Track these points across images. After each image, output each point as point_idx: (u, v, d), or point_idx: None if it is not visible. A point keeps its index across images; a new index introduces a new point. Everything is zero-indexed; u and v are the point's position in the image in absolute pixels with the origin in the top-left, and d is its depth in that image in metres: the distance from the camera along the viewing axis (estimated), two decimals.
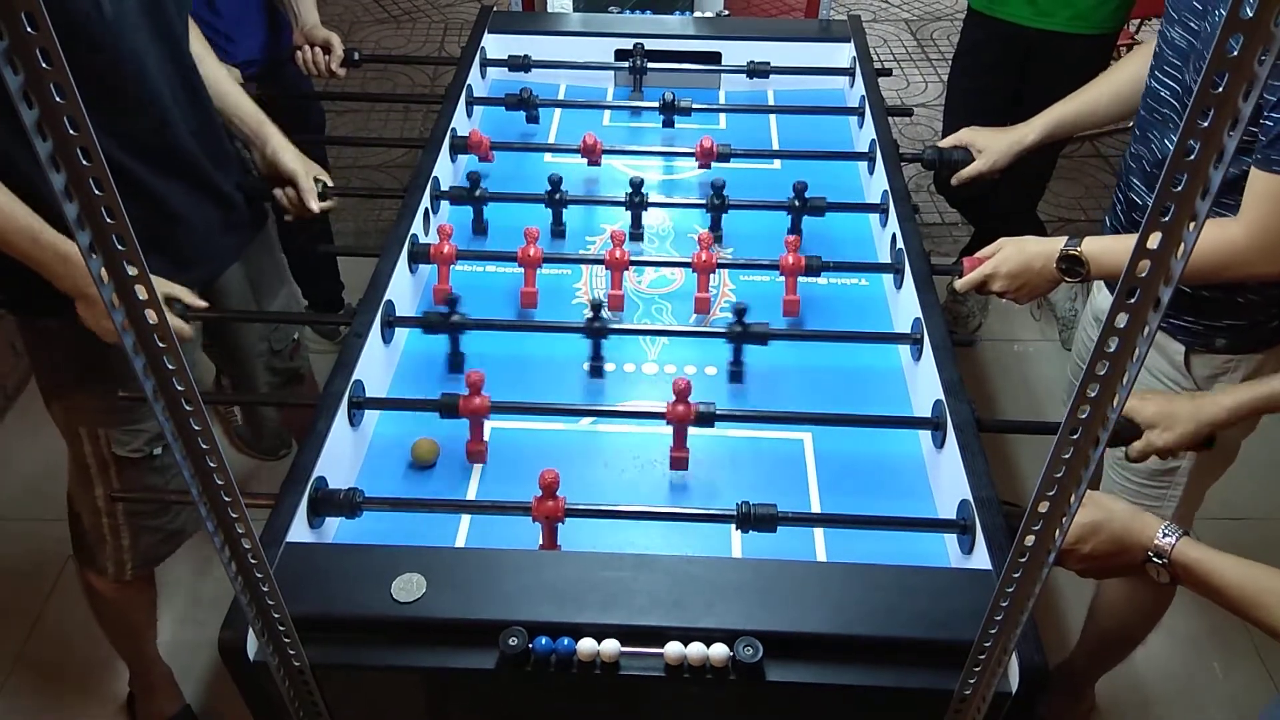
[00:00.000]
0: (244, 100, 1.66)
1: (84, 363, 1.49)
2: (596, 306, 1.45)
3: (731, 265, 1.64)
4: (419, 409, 1.38)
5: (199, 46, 1.60)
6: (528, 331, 1.54)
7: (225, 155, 1.59)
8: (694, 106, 1.98)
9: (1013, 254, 1.46)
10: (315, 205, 1.66)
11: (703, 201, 1.74)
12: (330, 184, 1.70)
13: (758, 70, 2.12)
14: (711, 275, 1.57)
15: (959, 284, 1.52)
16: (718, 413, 1.30)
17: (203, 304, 1.50)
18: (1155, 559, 1.07)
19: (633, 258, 1.56)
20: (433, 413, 1.36)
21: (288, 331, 1.86)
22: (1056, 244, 1.41)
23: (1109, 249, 1.39)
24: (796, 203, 1.70)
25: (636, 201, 1.72)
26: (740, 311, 1.46)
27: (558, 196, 1.72)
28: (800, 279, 1.57)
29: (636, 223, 1.76)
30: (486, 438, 1.33)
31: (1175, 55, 1.38)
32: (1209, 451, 1.54)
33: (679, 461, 1.31)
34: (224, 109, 1.63)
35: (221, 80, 1.63)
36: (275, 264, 1.82)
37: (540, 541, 1.20)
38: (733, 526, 1.20)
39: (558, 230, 1.77)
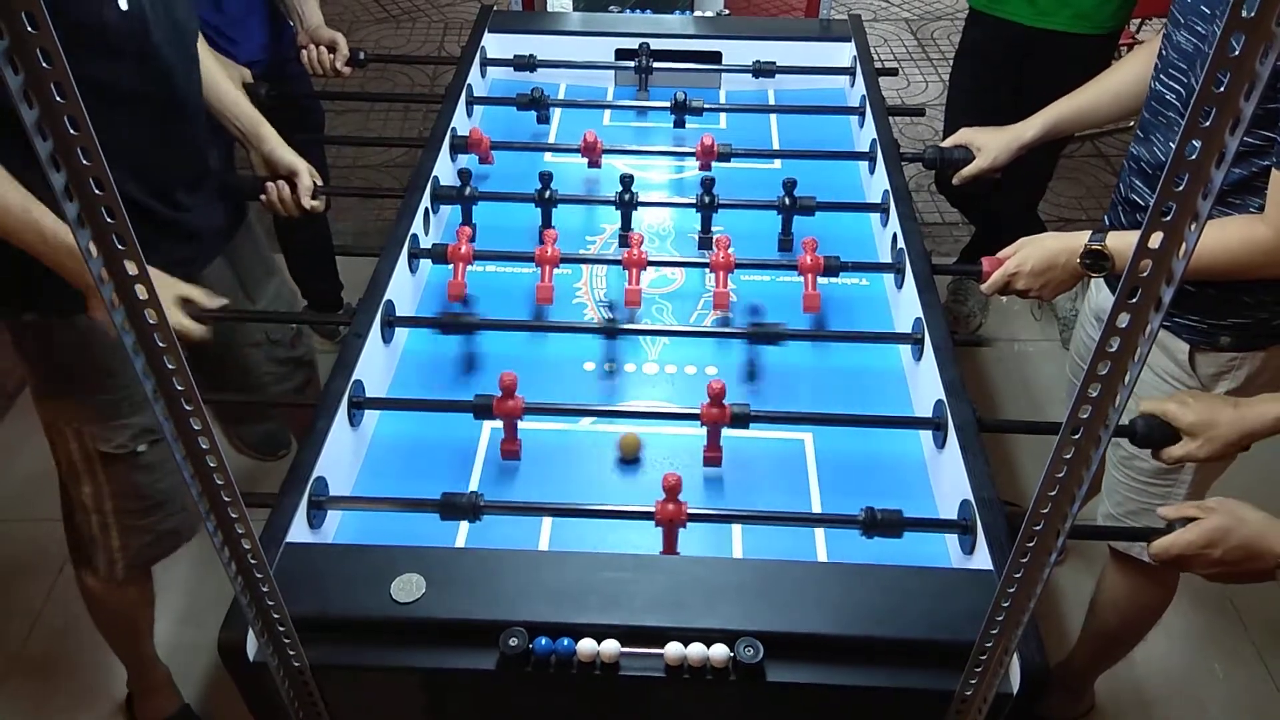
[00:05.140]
0: (241, 99, 1.67)
1: (65, 360, 1.48)
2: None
3: (748, 265, 1.60)
4: (416, 409, 1.39)
5: (198, 46, 1.60)
6: (529, 331, 1.55)
7: (211, 160, 1.59)
8: (705, 106, 1.98)
9: (1035, 252, 1.46)
10: (309, 203, 1.67)
11: (692, 200, 1.73)
12: (321, 184, 1.70)
13: (764, 70, 2.11)
14: (729, 275, 1.55)
15: (985, 287, 1.51)
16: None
17: (220, 302, 1.47)
18: None
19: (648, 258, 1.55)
20: (432, 412, 1.36)
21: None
22: (1077, 239, 1.41)
23: (1133, 244, 1.38)
24: (786, 201, 1.70)
25: (627, 200, 1.71)
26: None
27: (547, 195, 1.71)
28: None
29: (626, 222, 1.73)
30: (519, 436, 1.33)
31: (1181, 59, 1.38)
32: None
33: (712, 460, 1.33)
34: (221, 107, 1.63)
35: (219, 80, 1.63)
36: (261, 257, 1.81)
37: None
38: (733, 526, 1.20)
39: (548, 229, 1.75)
